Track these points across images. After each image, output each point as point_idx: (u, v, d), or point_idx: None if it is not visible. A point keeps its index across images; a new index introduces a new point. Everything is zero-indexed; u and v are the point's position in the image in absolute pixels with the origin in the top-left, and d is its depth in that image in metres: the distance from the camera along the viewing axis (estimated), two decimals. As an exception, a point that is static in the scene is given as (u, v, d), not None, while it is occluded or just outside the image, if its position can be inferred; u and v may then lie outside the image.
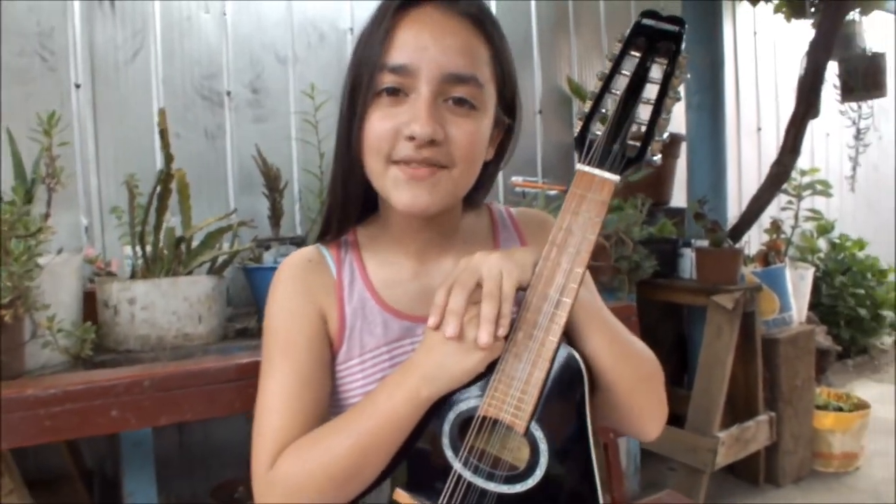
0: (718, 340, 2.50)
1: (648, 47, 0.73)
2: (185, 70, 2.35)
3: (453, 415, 0.74)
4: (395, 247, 0.87)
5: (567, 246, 0.72)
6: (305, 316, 0.82)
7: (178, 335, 1.70)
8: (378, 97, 0.77)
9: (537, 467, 0.72)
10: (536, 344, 0.71)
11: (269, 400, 0.80)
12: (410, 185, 0.76)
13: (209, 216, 1.92)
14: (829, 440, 2.84)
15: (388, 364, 0.82)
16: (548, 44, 3.26)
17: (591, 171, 0.72)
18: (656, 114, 0.71)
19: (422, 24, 0.76)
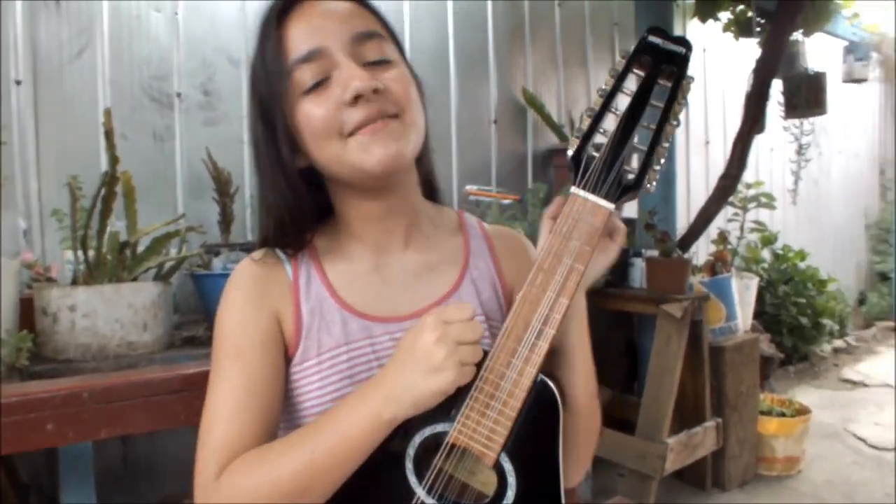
0: (667, 348, 2.54)
1: (653, 67, 0.70)
2: (134, 70, 2.28)
3: (419, 438, 0.70)
4: (353, 241, 0.85)
5: (554, 273, 0.69)
6: (257, 321, 0.80)
7: (122, 344, 1.64)
8: (304, 97, 0.76)
9: (504, 498, 0.69)
10: (514, 373, 0.68)
11: (216, 407, 0.77)
12: (376, 141, 0.75)
13: (156, 221, 1.86)
14: (773, 445, 2.92)
15: (345, 365, 0.80)
16: (503, 54, 3.29)
17: (585, 196, 0.69)
18: (656, 141, 0.69)
19: (307, 15, 0.77)
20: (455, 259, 0.88)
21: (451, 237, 0.91)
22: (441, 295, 0.85)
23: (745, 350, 2.88)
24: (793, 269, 4.47)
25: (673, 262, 2.66)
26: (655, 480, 2.50)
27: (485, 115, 3.22)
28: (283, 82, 0.76)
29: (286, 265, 0.84)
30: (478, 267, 0.88)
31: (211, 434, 0.76)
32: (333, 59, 0.75)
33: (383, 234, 0.85)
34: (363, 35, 0.77)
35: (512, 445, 0.69)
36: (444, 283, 0.86)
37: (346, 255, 0.85)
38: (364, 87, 0.73)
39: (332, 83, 0.75)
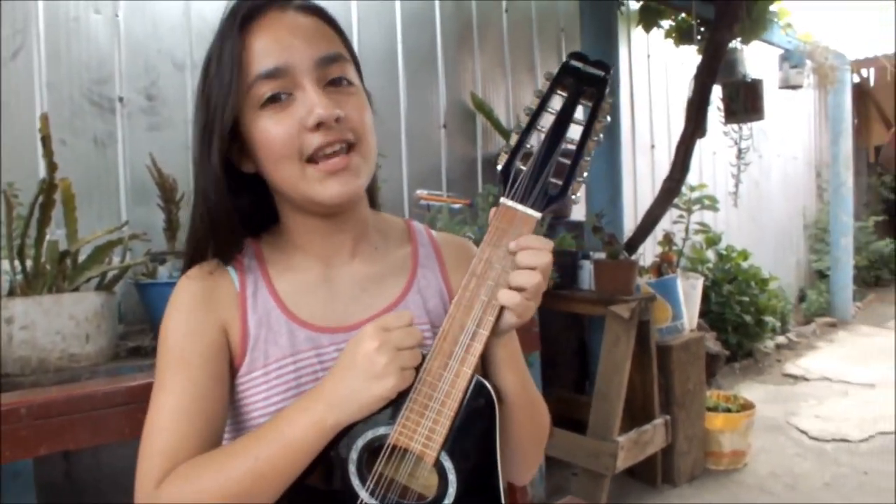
0: (616, 348, 2.59)
1: (575, 89, 0.75)
2: (73, 73, 2.20)
3: (362, 442, 0.72)
4: (300, 254, 0.85)
5: (486, 278, 0.72)
6: (203, 331, 0.79)
7: (63, 357, 1.59)
8: (261, 110, 0.76)
9: (445, 497, 0.71)
10: (451, 374, 0.71)
11: (158, 417, 0.76)
12: (335, 178, 0.76)
13: (99, 229, 1.81)
14: (720, 440, 3.01)
15: (292, 376, 0.80)
16: (452, 60, 3.31)
17: (514, 206, 0.73)
18: (579, 155, 0.74)
19: (274, 28, 0.77)
20: (402, 269, 0.89)
21: (399, 247, 0.91)
22: (387, 304, 0.85)
23: (691, 348, 2.96)
24: (736, 269, 4.62)
25: (620, 264, 2.72)
26: (607, 478, 2.54)
27: (434, 119, 3.24)
28: (241, 92, 0.76)
29: (233, 275, 0.83)
30: (425, 276, 0.89)
31: (152, 443, 0.75)
32: (297, 80, 0.76)
33: (330, 247, 0.85)
34: (328, 58, 0.77)
35: (451, 445, 0.71)
36: (390, 293, 0.86)
37: (293, 266, 0.85)
38: (327, 116, 0.74)
39: (294, 103, 0.76)
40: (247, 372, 0.80)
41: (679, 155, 3.22)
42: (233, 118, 0.77)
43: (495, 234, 0.73)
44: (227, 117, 0.76)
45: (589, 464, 2.57)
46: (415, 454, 0.71)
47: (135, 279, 1.90)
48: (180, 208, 2.19)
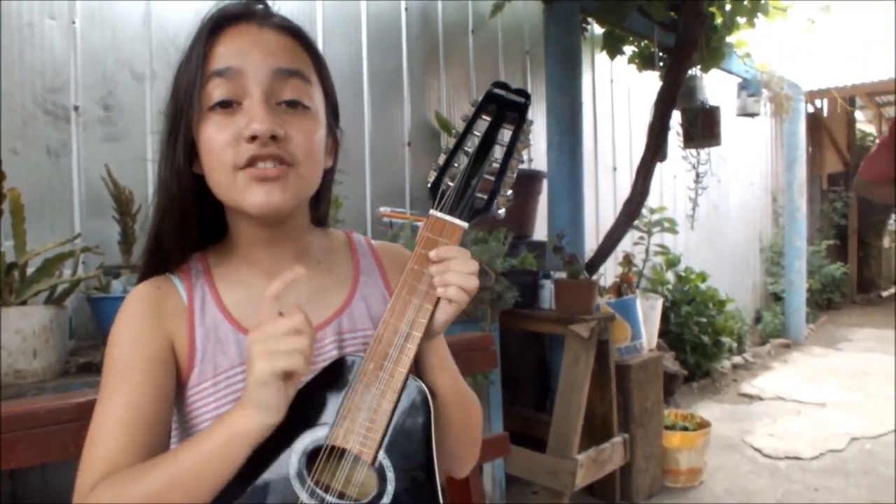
0: (576, 367, 2.61)
1: (498, 114, 0.81)
2: (25, 80, 2.15)
3: (301, 445, 0.73)
4: (246, 267, 0.86)
5: (418, 284, 0.76)
6: (148, 342, 0.80)
7: (9, 372, 1.54)
8: (210, 112, 0.77)
9: (385, 495, 0.73)
10: (386, 375, 0.74)
11: (99, 428, 0.77)
12: (262, 186, 0.77)
13: (51, 241, 1.76)
14: (677, 457, 3.04)
15: (241, 385, 0.80)
16: (418, 78, 3.33)
17: (442, 217, 0.78)
18: (502, 173, 0.80)
19: (239, 36, 0.79)
20: (346, 279, 0.92)
21: (341, 259, 0.94)
22: (332, 312, 0.87)
23: (649, 368, 3.00)
24: (694, 290, 4.70)
25: (580, 284, 2.75)
26: (567, 496, 2.55)
27: (399, 137, 3.24)
28: (195, 90, 0.76)
29: (180, 289, 0.84)
30: (367, 284, 0.92)
31: (92, 452, 0.76)
32: (246, 87, 0.77)
33: (273, 260, 0.86)
34: (284, 71, 0.78)
35: (389, 443, 0.74)
36: (335, 302, 0.89)
37: (240, 278, 0.86)
38: (262, 132, 0.75)
39: (239, 112, 0.77)
40: (196, 383, 0.81)
41: (639, 178, 3.29)
42: (190, 118, 0.77)
43: (425, 244, 0.78)
44: (190, 114, 0.77)
45: (548, 481, 2.58)
46: (353, 454, 0.73)
47: (87, 293, 1.85)
48: (136, 221, 2.14)
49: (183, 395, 0.82)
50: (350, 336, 0.87)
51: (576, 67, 3.26)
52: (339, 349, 0.85)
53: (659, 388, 3.05)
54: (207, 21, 0.79)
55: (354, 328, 0.87)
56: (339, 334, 0.86)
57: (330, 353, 0.85)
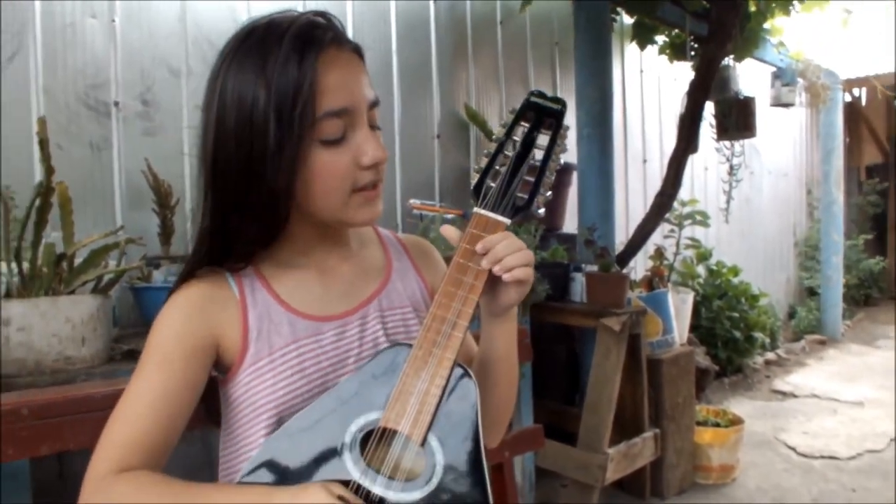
0: (607, 361, 2.61)
1: (536, 120, 0.88)
2: (69, 78, 2.21)
3: (355, 427, 0.78)
4: (297, 257, 0.92)
5: (464, 275, 0.82)
6: (189, 337, 0.84)
7: (59, 359, 1.59)
8: (321, 144, 0.81)
9: (433, 475, 0.76)
10: (434, 361, 0.79)
11: (128, 406, 0.81)
12: (371, 205, 0.87)
13: (93, 233, 1.81)
14: (709, 454, 3.02)
15: (295, 361, 0.86)
16: (447, 71, 3.34)
17: (486, 214, 0.84)
18: (541, 174, 0.86)
19: (338, 65, 0.82)
20: (380, 265, 1.00)
21: (374, 249, 1.02)
22: (372, 292, 0.95)
23: (681, 362, 2.98)
24: (726, 285, 4.64)
25: (612, 277, 2.74)
26: (597, 490, 2.55)
27: (428, 130, 3.26)
28: (306, 123, 0.79)
29: (231, 282, 0.89)
30: (399, 269, 1.00)
31: (115, 429, 0.80)
32: (356, 121, 0.84)
33: (324, 249, 0.94)
34: (372, 104, 0.86)
35: (437, 426, 0.78)
36: (373, 284, 0.96)
37: (290, 267, 0.92)
38: (382, 158, 0.85)
39: (348, 142, 0.83)
40: (252, 362, 0.85)
41: (671, 170, 3.26)
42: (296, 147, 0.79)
43: (470, 239, 0.83)
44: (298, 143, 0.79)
45: (578, 475, 2.58)
46: (404, 435, 0.77)
47: (130, 283, 1.90)
48: (174, 213, 2.20)
49: (236, 377, 0.86)
50: (390, 313, 0.94)
51: (606, 58, 3.24)
52: (383, 325, 0.92)
53: (691, 383, 3.03)
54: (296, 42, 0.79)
55: (393, 306, 0.95)
56: (381, 311, 0.93)
57: (375, 329, 0.91)
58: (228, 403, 0.89)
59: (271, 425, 0.83)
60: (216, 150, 0.83)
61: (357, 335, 0.90)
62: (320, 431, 0.78)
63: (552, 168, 0.87)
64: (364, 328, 0.91)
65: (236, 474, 0.87)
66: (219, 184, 0.84)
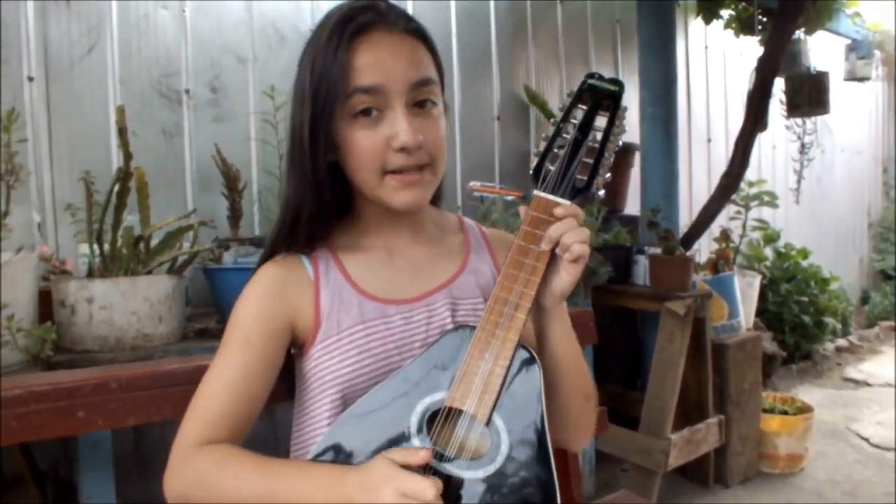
0: (671, 345, 2.57)
1: (593, 103, 0.88)
2: (143, 67, 2.30)
3: (421, 407, 0.80)
4: (368, 239, 0.95)
5: (525, 258, 0.83)
6: (270, 318, 0.88)
7: (138, 336, 1.68)
8: (354, 119, 0.84)
9: (498, 454, 0.78)
10: (498, 342, 0.80)
11: (212, 384, 0.86)
12: (408, 189, 0.87)
13: (166, 215, 1.89)
14: (775, 442, 2.94)
15: (363, 340, 0.88)
16: (506, 52, 3.31)
17: (546, 196, 0.85)
18: (600, 156, 0.86)
19: (377, 48, 0.84)
20: (457, 253, 1.00)
21: (453, 236, 1.03)
22: (445, 280, 0.96)
23: (747, 347, 2.90)
24: (795, 268, 4.49)
25: (676, 260, 2.68)
26: (659, 475, 2.52)
27: (488, 112, 3.25)
28: (339, 99, 0.83)
29: (306, 264, 0.92)
30: (476, 260, 1.00)
31: (200, 405, 0.85)
32: (389, 100, 0.84)
33: (394, 232, 0.95)
34: (418, 83, 0.86)
35: (502, 405, 0.79)
36: (447, 271, 0.97)
37: (362, 248, 0.95)
38: (410, 143, 0.84)
39: (383, 121, 0.85)
40: (322, 340, 0.89)
41: (738, 149, 3.16)
42: (333, 121, 0.84)
43: (531, 222, 0.84)
44: (333, 119, 0.83)
45: (640, 460, 2.56)
46: (469, 414, 0.78)
47: (202, 264, 1.97)
48: (242, 197, 2.27)
49: (308, 352, 0.90)
50: (461, 303, 0.94)
51: (670, 35, 3.15)
52: (452, 314, 0.92)
53: (757, 368, 2.95)
54: (342, 26, 0.83)
55: (464, 296, 0.95)
56: (451, 300, 0.94)
57: (443, 317, 0.92)
58: (300, 378, 0.93)
59: (336, 401, 0.86)
60: (290, 133, 0.89)
61: (424, 321, 0.92)
62: (387, 411, 0.80)
63: (610, 150, 0.86)
64: (431, 315, 0.92)
65: (306, 445, 0.91)
66: (290, 164, 0.89)
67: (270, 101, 2.28)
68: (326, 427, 0.85)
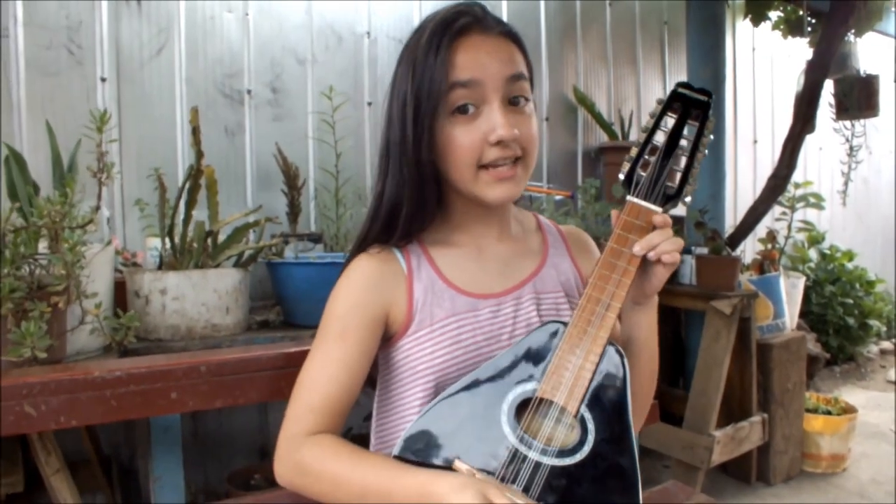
0: (716, 344, 2.59)
1: (683, 111, 0.91)
2: (208, 68, 2.40)
3: (512, 396, 0.84)
4: (457, 235, 0.99)
5: (618, 260, 0.86)
6: (367, 308, 0.92)
7: (207, 326, 1.77)
8: (451, 116, 0.88)
9: (586, 444, 0.81)
10: (589, 339, 0.84)
11: (313, 374, 0.91)
12: (501, 184, 0.90)
13: (227, 211, 1.98)
14: (818, 442, 2.94)
15: (454, 332, 0.92)
16: (556, 53, 3.35)
17: (639, 203, 0.88)
18: (690, 165, 0.89)
19: (475, 47, 0.89)
20: (537, 251, 1.05)
21: (533, 234, 1.07)
22: (528, 275, 1.00)
23: (792, 348, 2.90)
24: (840, 270, 4.44)
25: (722, 260, 2.70)
26: (702, 471, 2.55)
27: (537, 112, 3.27)
28: (440, 96, 0.87)
29: (399, 257, 0.96)
30: (555, 256, 1.05)
31: (305, 396, 0.90)
32: (485, 95, 0.88)
33: (483, 228, 0.99)
34: (513, 77, 0.90)
35: (590, 398, 0.83)
36: (530, 267, 1.01)
37: (452, 243, 0.99)
38: (508, 136, 0.87)
39: (479, 117, 0.88)
40: (415, 331, 0.93)
41: (786, 151, 3.14)
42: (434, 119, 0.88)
43: (623, 226, 0.87)
44: (435, 116, 0.88)
45: (683, 456, 2.59)
46: (559, 406, 0.82)
47: (265, 258, 2.06)
48: (301, 194, 2.36)
49: (398, 343, 0.94)
50: (544, 296, 0.99)
51: (719, 36, 3.15)
52: (537, 307, 0.97)
53: (801, 368, 2.95)
54: (444, 28, 0.88)
55: (546, 290, 0.99)
56: (535, 293, 0.98)
57: (529, 310, 0.97)
58: (388, 367, 0.97)
59: (428, 390, 0.91)
60: (388, 130, 0.93)
61: (511, 314, 0.95)
62: (479, 399, 0.83)
63: (699, 158, 0.89)
64: (518, 308, 0.96)
65: (392, 434, 0.96)
66: (385, 161, 0.94)
67: (328, 101, 2.36)
68: (415, 416, 0.88)
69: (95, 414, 1.02)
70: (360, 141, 2.72)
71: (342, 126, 2.44)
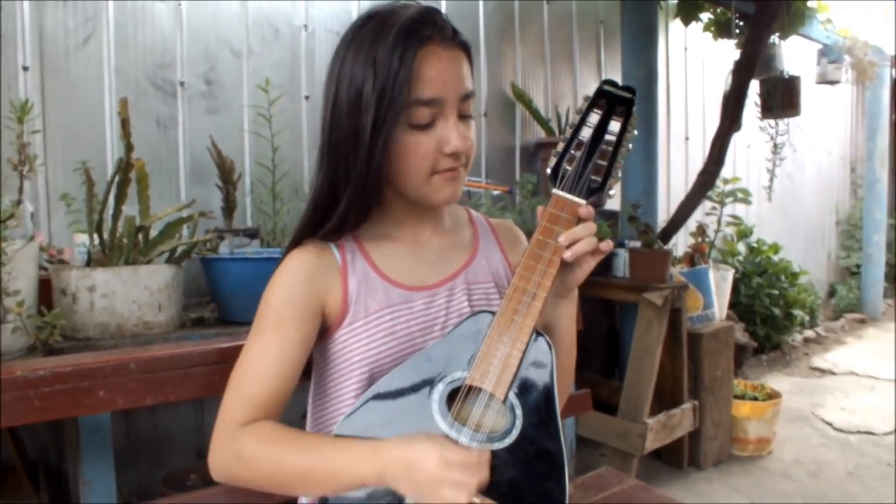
0: (648, 334, 2.67)
1: (608, 108, 0.94)
2: (138, 58, 2.33)
3: (443, 386, 0.86)
4: (394, 230, 1.01)
5: (543, 251, 0.89)
6: (301, 299, 0.93)
7: (139, 323, 1.72)
8: (409, 127, 0.90)
9: (514, 428, 0.85)
10: (515, 327, 0.87)
11: (250, 364, 0.91)
12: (449, 185, 0.94)
13: (160, 206, 1.93)
14: (746, 426, 3.07)
15: (389, 324, 0.95)
16: (494, 50, 3.39)
17: (564, 196, 0.91)
18: (613, 159, 0.93)
19: (437, 59, 0.89)
20: (469, 243, 1.08)
21: (465, 227, 1.10)
22: (460, 266, 1.04)
23: (721, 337, 3.02)
24: (766, 262, 4.63)
25: (655, 253, 2.79)
26: (636, 458, 2.63)
27: (475, 108, 3.30)
28: (401, 109, 0.87)
29: (334, 251, 0.97)
30: (487, 247, 1.09)
31: (242, 386, 0.90)
32: (444, 111, 0.91)
33: (419, 224, 1.02)
34: (466, 96, 0.93)
35: (518, 385, 0.86)
36: (462, 258, 1.05)
37: (387, 238, 1.00)
38: (463, 149, 0.91)
39: (435, 128, 0.91)
40: (350, 323, 0.94)
41: (714, 148, 3.26)
42: (389, 126, 0.88)
43: (549, 218, 0.90)
44: (391, 125, 0.88)
45: (618, 444, 2.66)
46: (488, 392, 0.85)
47: (199, 254, 2.02)
48: (237, 189, 2.31)
49: (333, 335, 0.95)
50: (475, 287, 1.03)
51: (652, 37, 3.24)
52: (468, 297, 1.00)
53: (729, 357, 3.08)
54: (403, 34, 0.87)
55: (478, 280, 1.03)
56: (467, 284, 1.01)
57: (461, 301, 1.00)
58: (324, 359, 0.98)
59: (363, 381, 0.93)
60: (332, 123, 0.93)
61: (444, 305, 0.99)
62: (411, 389, 0.86)
63: (623, 154, 0.93)
64: (451, 299, 0.99)
65: (328, 425, 0.97)
66: (330, 155, 0.94)
67: (264, 94, 2.33)
68: (350, 406, 0.90)
69: (17, 414, 0.98)
70: (298, 135, 2.69)
71: (279, 120, 2.41)
